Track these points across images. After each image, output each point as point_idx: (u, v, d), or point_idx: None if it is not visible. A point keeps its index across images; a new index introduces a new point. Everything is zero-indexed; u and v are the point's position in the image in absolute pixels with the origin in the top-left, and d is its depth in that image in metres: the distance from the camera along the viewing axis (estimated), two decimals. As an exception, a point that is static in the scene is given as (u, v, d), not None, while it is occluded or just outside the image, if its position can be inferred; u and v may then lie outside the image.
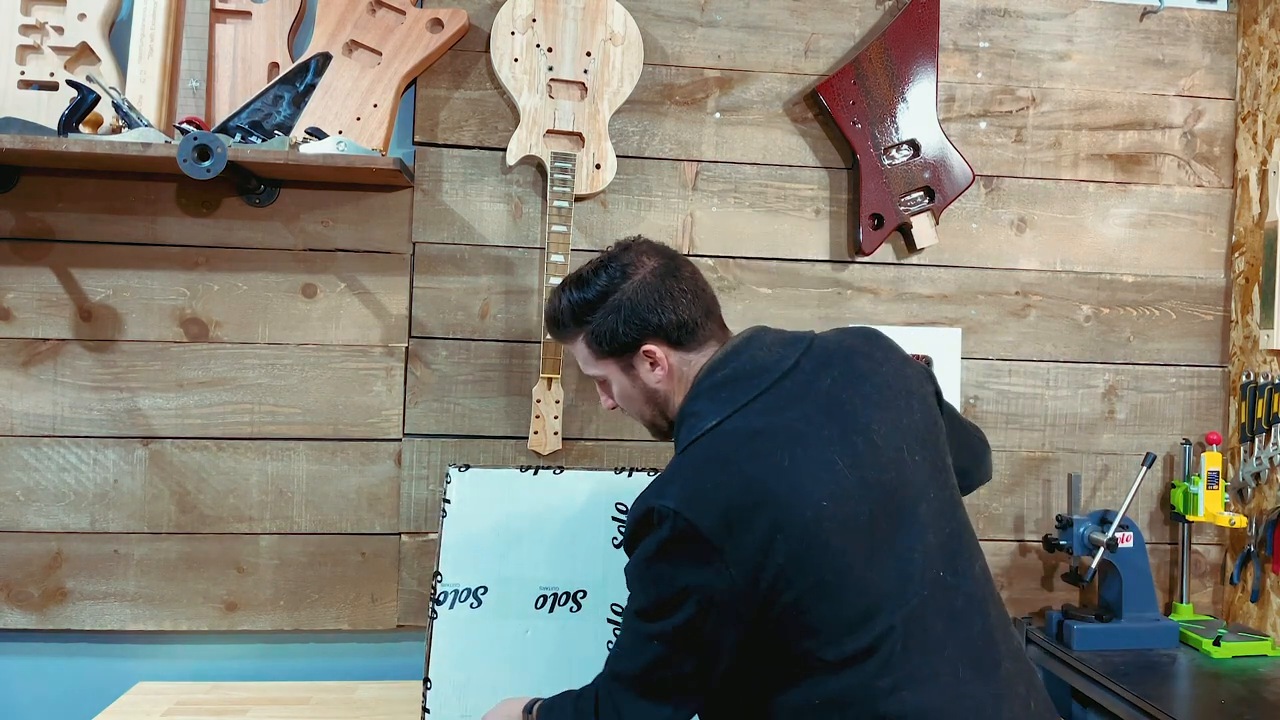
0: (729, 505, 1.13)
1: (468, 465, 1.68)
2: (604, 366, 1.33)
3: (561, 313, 1.34)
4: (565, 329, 1.35)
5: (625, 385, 1.33)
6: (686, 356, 1.29)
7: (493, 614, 1.60)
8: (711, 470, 1.16)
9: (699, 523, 1.12)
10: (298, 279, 1.93)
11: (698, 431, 1.20)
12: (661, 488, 1.17)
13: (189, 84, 1.87)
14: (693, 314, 1.29)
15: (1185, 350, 2.14)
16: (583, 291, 1.31)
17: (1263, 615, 2.02)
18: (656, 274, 1.29)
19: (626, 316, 1.27)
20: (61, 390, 1.88)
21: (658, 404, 1.32)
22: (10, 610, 1.87)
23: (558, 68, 1.93)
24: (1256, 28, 2.11)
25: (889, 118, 2.00)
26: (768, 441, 1.17)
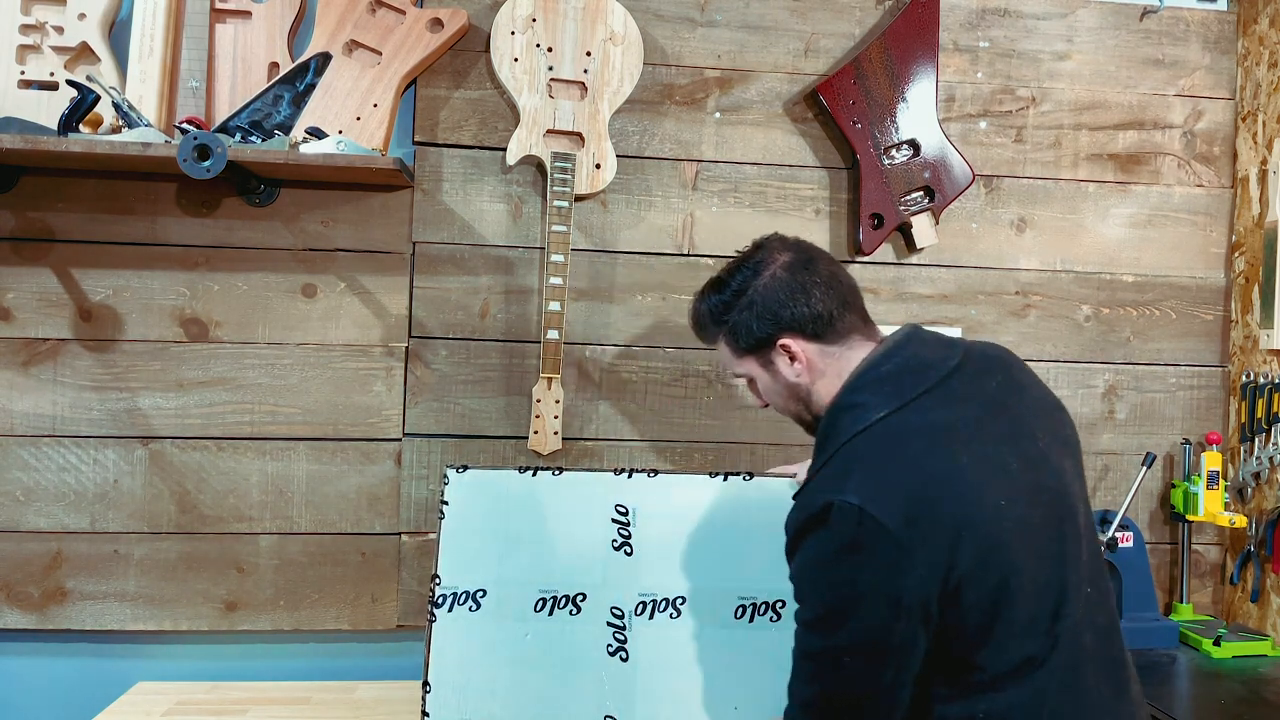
0: (913, 500, 1.09)
1: (465, 466, 1.65)
2: (745, 365, 1.32)
3: (702, 315, 1.34)
4: (707, 330, 1.35)
5: (768, 381, 1.31)
6: (827, 349, 1.26)
7: (492, 617, 1.58)
8: (890, 463, 1.12)
9: (884, 519, 1.07)
10: (298, 279, 1.93)
11: (864, 423, 1.16)
12: (837, 481, 1.11)
13: (189, 84, 1.87)
14: (828, 306, 1.25)
15: (1185, 350, 2.14)
16: (719, 293, 1.31)
17: (1263, 615, 2.02)
18: (787, 268, 1.27)
19: (759, 312, 1.26)
20: (61, 390, 1.88)
21: (801, 398, 1.29)
22: (10, 610, 1.87)
23: (558, 68, 1.93)
24: (1256, 28, 2.11)
25: (889, 118, 2.00)
26: (943, 437, 1.14)
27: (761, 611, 1.58)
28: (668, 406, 2.01)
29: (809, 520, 1.12)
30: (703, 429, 2.01)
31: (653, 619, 1.58)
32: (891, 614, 1.08)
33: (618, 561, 1.60)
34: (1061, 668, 1.14)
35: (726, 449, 2.01)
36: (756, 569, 1.59)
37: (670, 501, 1.63)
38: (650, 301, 2.01)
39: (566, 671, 1.56)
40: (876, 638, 1.09)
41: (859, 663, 1.11)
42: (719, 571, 1.60)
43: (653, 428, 2.00)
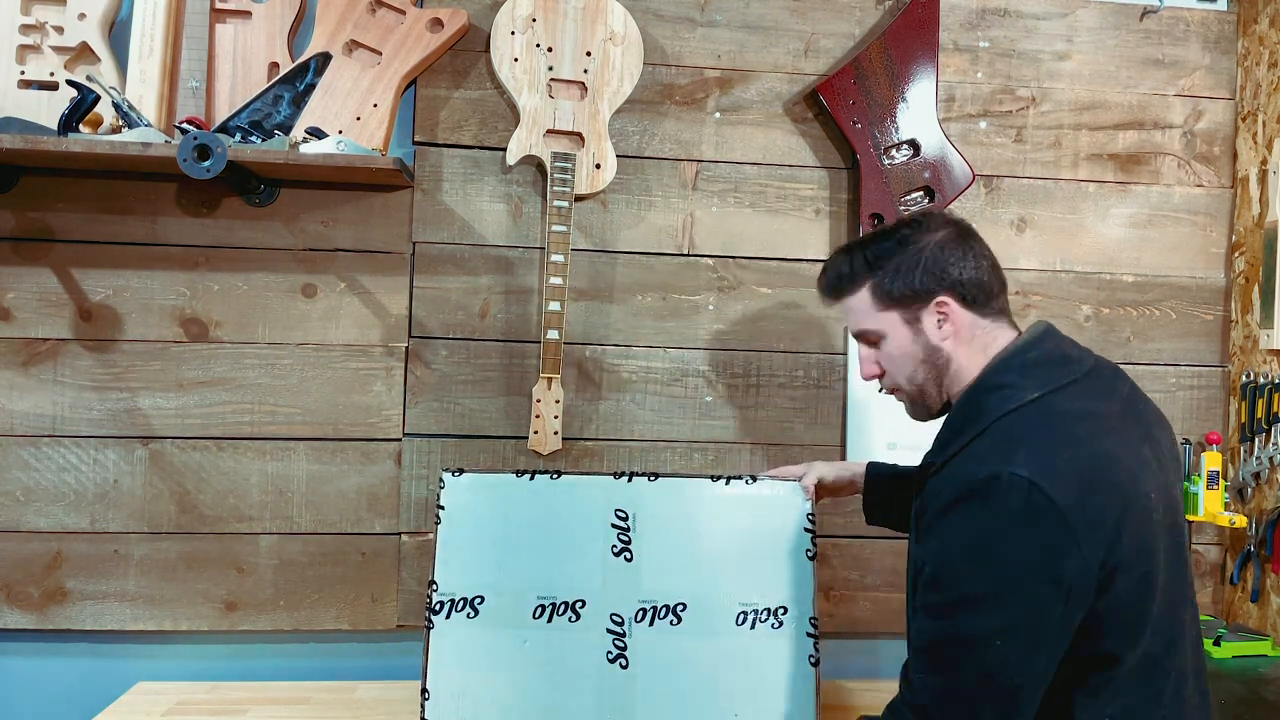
0: (1081, 480, 1.07)
1: (461, 470, 1.62)
2: (885, 318, 1.27)
3: (852, 259, 1.29)
4: (849, 277, 1.29)
5: (904, 341, 1.26)
6: (979, 321, 1.25)
7: (490, 624, 1.57)
8: (1056, 442, 1.10)
9: (1055, 496, 1.04)
10: (298, 279, 1.93)
11: (1016, 401, 1.15)
12: (1001, 453, 1.09)
13: (189, 84, 1.87)
14: (990, 279, 1.26)
15: (1185, 350, 2.14)
16: (882, 241, 1.27)
17: (1263, 615, 2.02)
18: (959, 234, 1.27)
19: (928, 264, 1.23)
20: (61, 390, 1.88)
21: (936, 367, 1.26)
22: (10, 610, 1.87)
23: (558, 68, 1.93)
24: (1256, 28, 2.11)
25: (889, 118, 2.00)
26: (1098, 424, 1.14)
27: (763, 618, 1.56)
28: (668, 406, 2.01)
29: (967, 492, 1.08)
30: (703, 429, 2.01)
31: (653, 625, 1.56)
32: (1053, 596, 1.05)
33: (617, 568, 1.58)
34: (1175, 673, 1.15)
35: (727, 449, 2.02)
36: (758, 575, 1.57)
37: (671, 506, 1.61)
38: (650, 301, 2.01)
39: (566, 679, 1.54)
40: (1036, 621, 1.05)
41: (1012, 648, 1.06)
42: (720, 577, 1.58)
43: (653, 428, 2.00)
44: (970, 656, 1.07)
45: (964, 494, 1.09)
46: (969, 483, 1.09)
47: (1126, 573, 1.08)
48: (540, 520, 1.60)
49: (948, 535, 1.10)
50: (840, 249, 1.34)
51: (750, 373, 2.02)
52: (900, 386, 1.31)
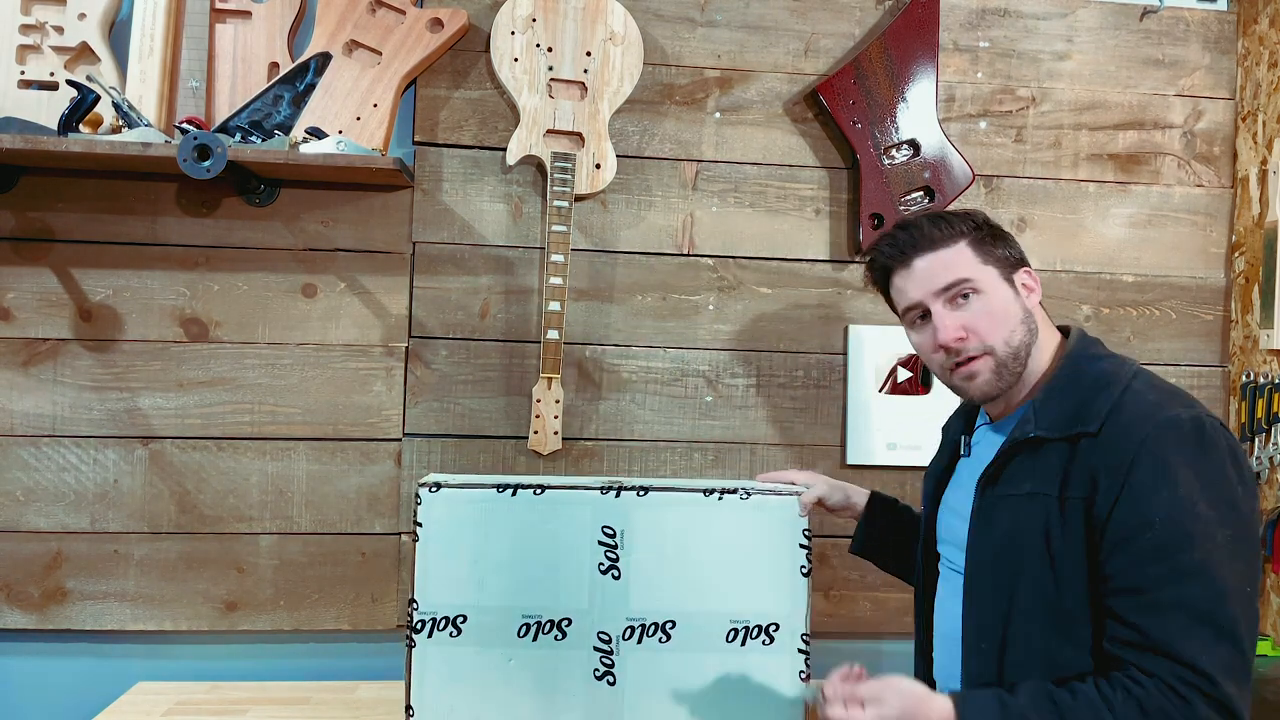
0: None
1: (439, 485, 1.51)
2: (984, 271, 1.24)
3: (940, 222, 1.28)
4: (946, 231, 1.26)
5: (1005, 297, 1.24)
6: (1040, 306, 1.32)
7: (473, 642, 1.50)
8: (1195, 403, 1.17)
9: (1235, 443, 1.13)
10: (298, 279, 1.93)
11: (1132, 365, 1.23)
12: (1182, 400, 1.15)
13: (189, 84, 1.87)
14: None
15: (1185, 350, 2.14)
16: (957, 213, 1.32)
17: (1263, 615, 2.02)
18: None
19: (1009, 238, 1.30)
20: (61, 390, 1.88)
21: (1031, 331, 1.25)
22: (10, 610, 1.87)
23: (558, 68, 1.93)
24: (1256, 28, 2.11)
25: (889, 118, 2.00)
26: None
27: (754, 635, 1.51)
28: (668, 406, 2.01)
29: (1183, 437, 1.08)
30: (703, 429, 2.01)
31: (641, 643, 1.51)
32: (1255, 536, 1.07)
33: (605, 585, 1.51)
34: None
35: (727, 449, 2.02)
36: (750, 591, 1.52)
37: (661, 522, 1.53)
38: (650, 301, 2.01)
39: (553, 696, 1.50)
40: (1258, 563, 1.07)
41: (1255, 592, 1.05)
42: (711, 594, 1.52)
43: (653, 428, 2.00)
44: (1244, 610, 1.04)
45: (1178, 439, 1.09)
46: (1174, 425, 1.09)
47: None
48: (523, 538, 1.52)
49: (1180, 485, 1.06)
50: (910, 219, 1.31)
51: (750, 373, 2.02)
52: (994, 349, 1.23)
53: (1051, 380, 1.23)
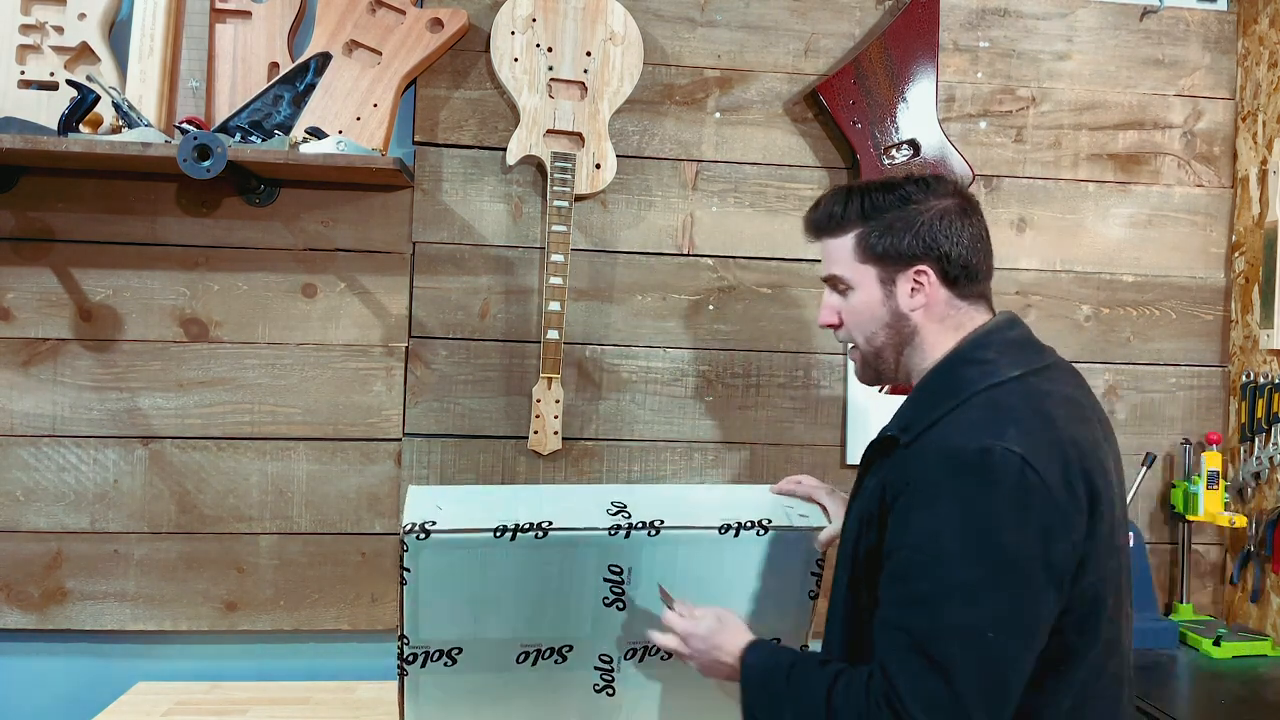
0: (1066, 463, 1.03)
1: (426, 530, 1.32)
2: (860, 271, 1.21)
3: (847, 203, 1.22)
4: (838, 219, 1.23)
5: (873, 299, 1.21)
6: (955, 300, 1.20)
7: (470, 669, 1.43)
8: (1039, 421, 1.06)
9: (1047, 477, 1.00)
10: (298, 279, 1.93)
11: (999, 377, 1.10)
12: (990, 428, 1.03)
13: (189, 84, 1.87)
14: (979, 261, 1.20)
15: (1185, 350, 2.14)
16: (883, 192, 1.21)
17: (1263, 615, 2.02)
18: (962, 207, 1.21)
19: (920, 231, 1.17)
20: (61, 390, 1.88)
21: (900, 335, 1.21)
22: (10, 610, 1.87)
23: (558, 68, 1.93)
24: (1256, 28, 2.11)
25: (889, 118, 2.00)
26: (1076, 411, 1.11)
27: None
28: (668, 406, 2.01)
29: (959, 466, 1.01)
30: (703, 429, 2.01)
31: (642, 661, 1.46)
32: (1046, 581, 0.99)
33: (609, 616, 1.42)
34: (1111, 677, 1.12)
35: (727, 449, 2.02)
36: (755, 612, 1.45)
37: (673, 559, 1.40)
38: (650, 301, 2.01)
39: (551, 707, 1.46)
40: (1030, 611, 0.99)
41: (1008, 640, 0.98)
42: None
43: (653, 428, 2.00)
44: (967, 653, 0.98)
45: (955, 468, 1.02)
46: (959, 455, 1.02)
47: (1095, 564, 1.05)
48: (524, 580, 1.39)
49: (937, 515, 1.02)
50: (841, 188, 1.26)
51: (750, 373, 2.02)
52: (856, 342, 1.25)
53: (922, 381, 1.20)
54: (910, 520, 1.04)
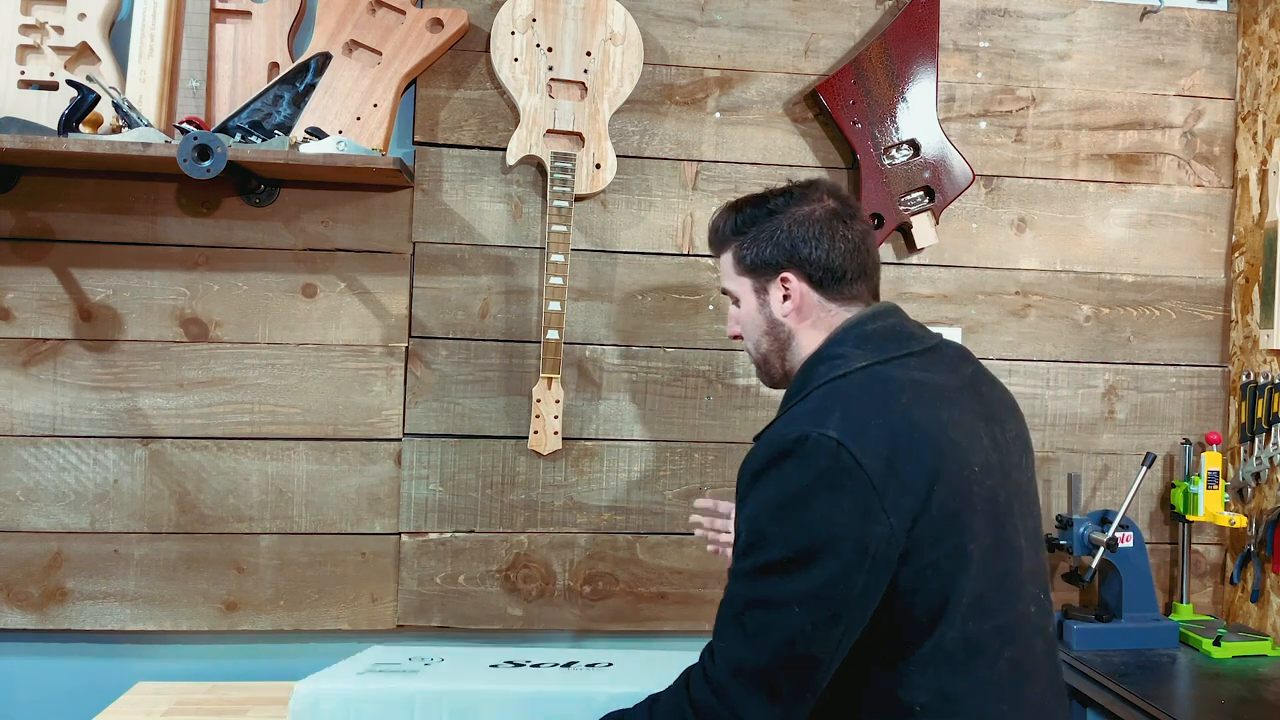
0: (894, 445, 1.05)
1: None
2: (739, 283, 1.29)
3: (726, 221, 1.30)
4: (722, 236, 1.31)
5: (752, 308, 1.28)
6: (826, 303, 1.24)
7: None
8: (871, 405, 1.09)
9: (863, 458, 1.03)
10: (298, 279, 1.93)
11: (842, 370, 1.14)
12: (815, 417, 1.07)
13: (189, 84, 1.87)
14: (845, 263, 1.24)
15: (1185, 350, 2.14)
16: (755, 207, 1.28)
17: (1263, 615, 2.02)
18: (827, 212, 1.25)
19: (780, 239, 1.24)
20: (61, 390, 1.88)
21: (779, 339, 1.27)
22: (10, 610, 1.87)
23: (558, 67, 1.93)
24: (1256, 28, 2.11)
25: (889, 118, 2.00)
26: (925, 393, 1.13)
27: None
28: (668, 406, 2.01)
29: (779, 453, 1.06)
30: (703, 429, 2.01)
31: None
32: (857, 561, 1.02)
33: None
34: (1010, 667, 1.10)
35: (727, 449, 2.01)
36: None
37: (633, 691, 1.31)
38: (650, 301, 2.01)
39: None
40: (837, 588, 1.02)
41: (811, 616, 1.03)
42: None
43: (653, 428, 2.00)
44: (772, 623, 1.04)
45: (775, 455, 1.07)
46: (779, 445, 1.07)
47: (935, 543, 1.05)
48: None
49: (761, 494, 1.07)
50: (726, 205, 1.33)
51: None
52: (749, 350, 1.33)
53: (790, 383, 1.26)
54: (743, 508, 1.10)
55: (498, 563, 1.97)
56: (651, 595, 2.00)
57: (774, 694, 1.04)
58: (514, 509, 1.97)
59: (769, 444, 1.09)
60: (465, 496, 1.96)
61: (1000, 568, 1.11)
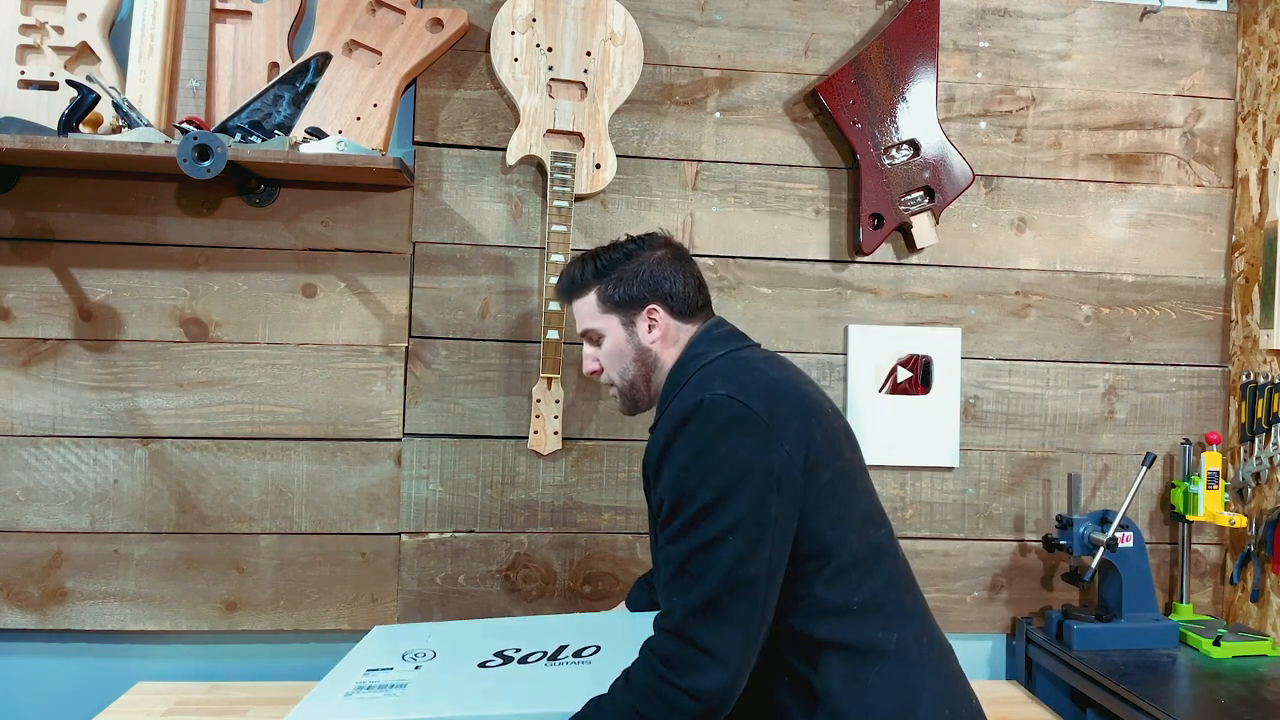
0: (769, 392, 1.26)
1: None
2: (605, 319, 1.44)
3: (586, 267, 1.45)
4: (580, 282, 1.45)
5: (620, 340, 1.43)
6: (683, 327, 1.43)
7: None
8: (743, 372, 1.31)
9: (751, 404, 1.23)
10: (298, 279, 1.93)
11: (709, 359, 1.35)
12: (701, 387, 1.27)
13: (189, 84, 1.87)
14: (694, 295, 1.45)
15: (1185, 350, 2.14)
16: (613, 253, 1.45)
17: (1263, 615, 2.02)
18: (673, 256, 1.46)
19: (644, 278, 1.42)
20: (61, 390, 1.88)
21: (646, 364, 1.43)
22: (10, 610, 1.87)
23: (558, 67, 1.93)
24: (1256, 28, 2.11)
25: (889, 117, 2.00)
26: (780, 366, 1.36)
27: None
28: (668, 406, 2.01)
29: (682, 419, 1.24)
30: (703, 429, 2.01)
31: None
32: (767, 487, 1.20)
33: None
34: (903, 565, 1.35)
35: (726, 449, 2.01)
36: None
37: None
38: (650, 301, 2.01)
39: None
40: (759, 513, 1.19)
41: (743, 540, 1.18)
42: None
43: (653, 428, 2.00)
44: (711, 560, 1.18)
45: (678, 424, 1.24)
46: (680, 414, 1.25)
47: (826, 465, 1.25)
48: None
49: (676, 456, 1.23)
50: (577, 257, 1.48)
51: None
52: (614, 381, 1.47)
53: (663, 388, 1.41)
54: (662, 476, 1.25)
55: (498, 563, 1.97)
56: (651, 595, 2.00)
57: (729, 618, 1.18)
58: (514, 509, 1.97)
59: (669, 419, 1.27)
60: (465, 496, 1.96)
61: (867, 485, 1.36)
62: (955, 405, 2.05)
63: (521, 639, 1.56)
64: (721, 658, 1.16)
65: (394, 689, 1.40)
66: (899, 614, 1.29)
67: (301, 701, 1.39)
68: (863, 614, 1.25)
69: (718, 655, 1.16)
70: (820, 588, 1.24)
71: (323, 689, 1.42)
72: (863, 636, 1.25)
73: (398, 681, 1.42)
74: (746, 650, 1.18)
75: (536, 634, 1.58)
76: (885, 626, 1.26)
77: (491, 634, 1.60)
